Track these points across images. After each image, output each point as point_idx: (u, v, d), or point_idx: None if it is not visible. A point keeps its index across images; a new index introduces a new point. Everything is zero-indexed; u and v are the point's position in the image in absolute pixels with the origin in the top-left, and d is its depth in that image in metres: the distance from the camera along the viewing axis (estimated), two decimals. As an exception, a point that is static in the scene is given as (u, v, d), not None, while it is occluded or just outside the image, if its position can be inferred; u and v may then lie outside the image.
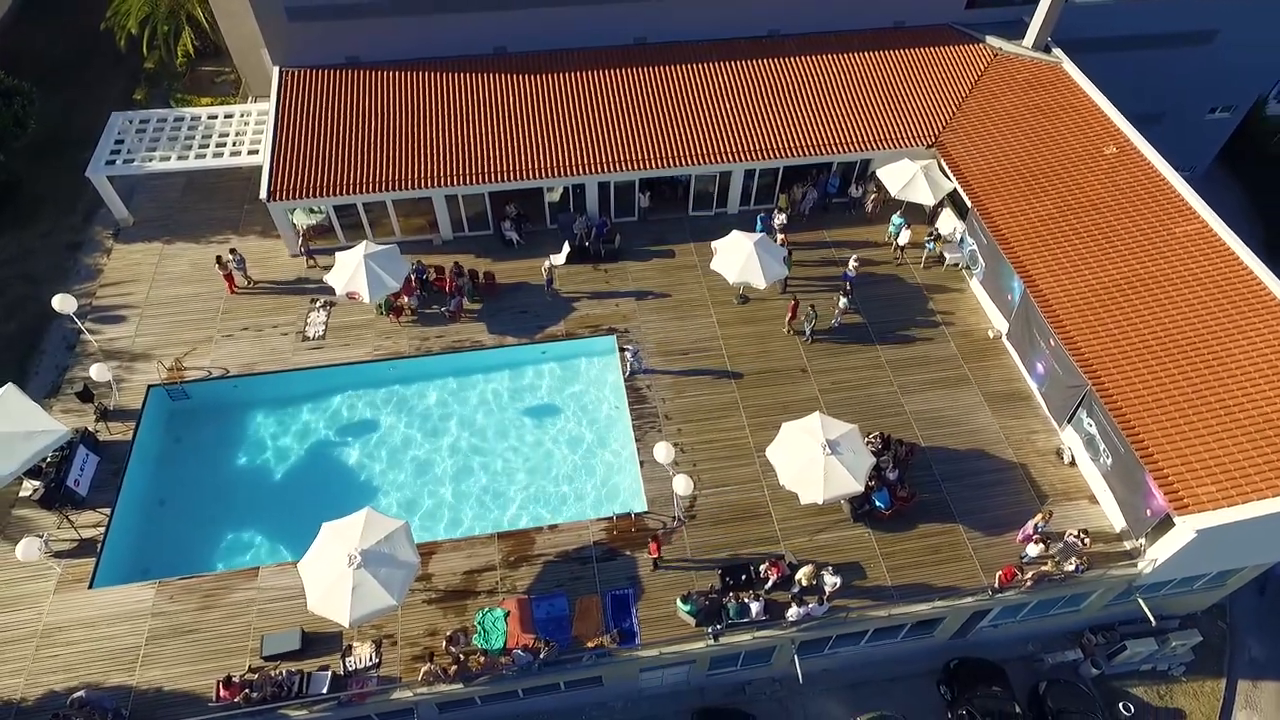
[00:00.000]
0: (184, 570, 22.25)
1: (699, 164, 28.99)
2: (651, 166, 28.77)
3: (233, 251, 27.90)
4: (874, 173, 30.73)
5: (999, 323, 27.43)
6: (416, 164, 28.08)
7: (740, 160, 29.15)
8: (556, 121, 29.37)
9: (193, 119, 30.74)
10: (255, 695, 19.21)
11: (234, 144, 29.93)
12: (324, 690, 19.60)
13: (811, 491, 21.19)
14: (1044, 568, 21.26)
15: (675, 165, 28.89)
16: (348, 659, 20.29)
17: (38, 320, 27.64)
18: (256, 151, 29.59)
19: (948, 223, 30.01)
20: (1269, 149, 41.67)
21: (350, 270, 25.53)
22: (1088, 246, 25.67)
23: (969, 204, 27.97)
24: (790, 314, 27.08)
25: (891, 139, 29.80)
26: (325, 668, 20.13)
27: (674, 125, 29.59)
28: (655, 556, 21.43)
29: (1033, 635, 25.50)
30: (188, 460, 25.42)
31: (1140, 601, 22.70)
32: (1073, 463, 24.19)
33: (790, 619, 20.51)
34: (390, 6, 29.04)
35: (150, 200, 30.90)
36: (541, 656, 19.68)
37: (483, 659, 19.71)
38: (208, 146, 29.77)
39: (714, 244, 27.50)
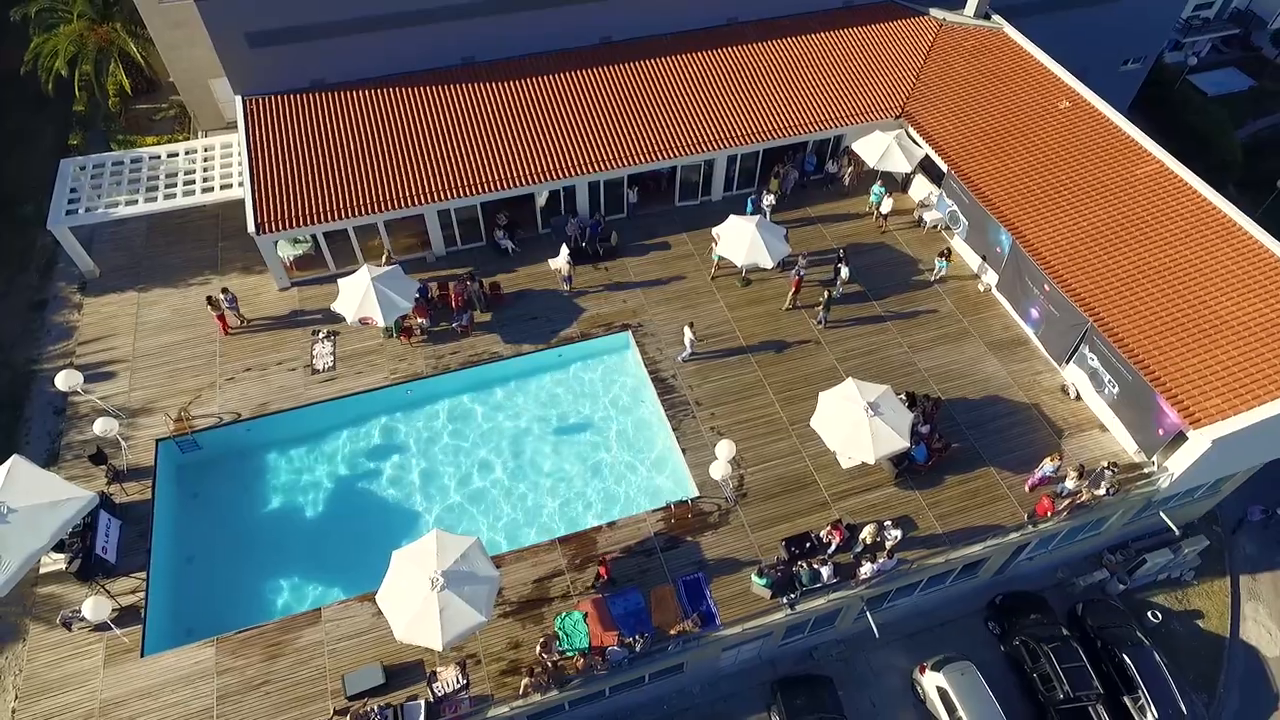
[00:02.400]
0: (231, 625, 21.30)
1: (685, 155, 29.47)
2: (639, 162, 29.08)
3: (224, 291, 26.74)
4: (847, 148, 31.96)
5: (987, 276, 28.98)
6: (407, 181, 27.57)
7: (724, 147, 29.79)
8: (542, 125, 29.34)
9: (152, 158, 29.22)
10: (352, 735, 18.65)
11: (203, 180, 28.64)
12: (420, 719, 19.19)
13: (862, 452, 21.99)
14: (1081, 498, 22.69)
15: (662, 158, 29.28)
16: (434, 685, 19.89)
17: (14, 387, 25.79)
18: (229, 185, 28.46)
19: (921, 188, 31.50)
20: (1173, 94, 45.25)
21: (359, 296, 24.90)
22: (1062, 195, 27.43)
23: (945, 168, 29.45)
24: (794, 290, 27.88)
25: (861, 113, 31.03)
26: (414, 698, 19.69)
27: (655, 119, 30.00)
28: (605, 579, 21.17)
29: (1061, 563, 27.11)
30: (209, 512, 24.29)
31: (1163, 514, 24.56)
32: (1078, 397, 25.85)
33: (863, 576, 21.26)
34: (353, 24, 28.36)
35: (113, 249, 29.20)
36: (638, 650, 19.79)
37: (580, 661, 19.67)
38: (175, 185, 28.40)
39: (715, 231, 28.07)
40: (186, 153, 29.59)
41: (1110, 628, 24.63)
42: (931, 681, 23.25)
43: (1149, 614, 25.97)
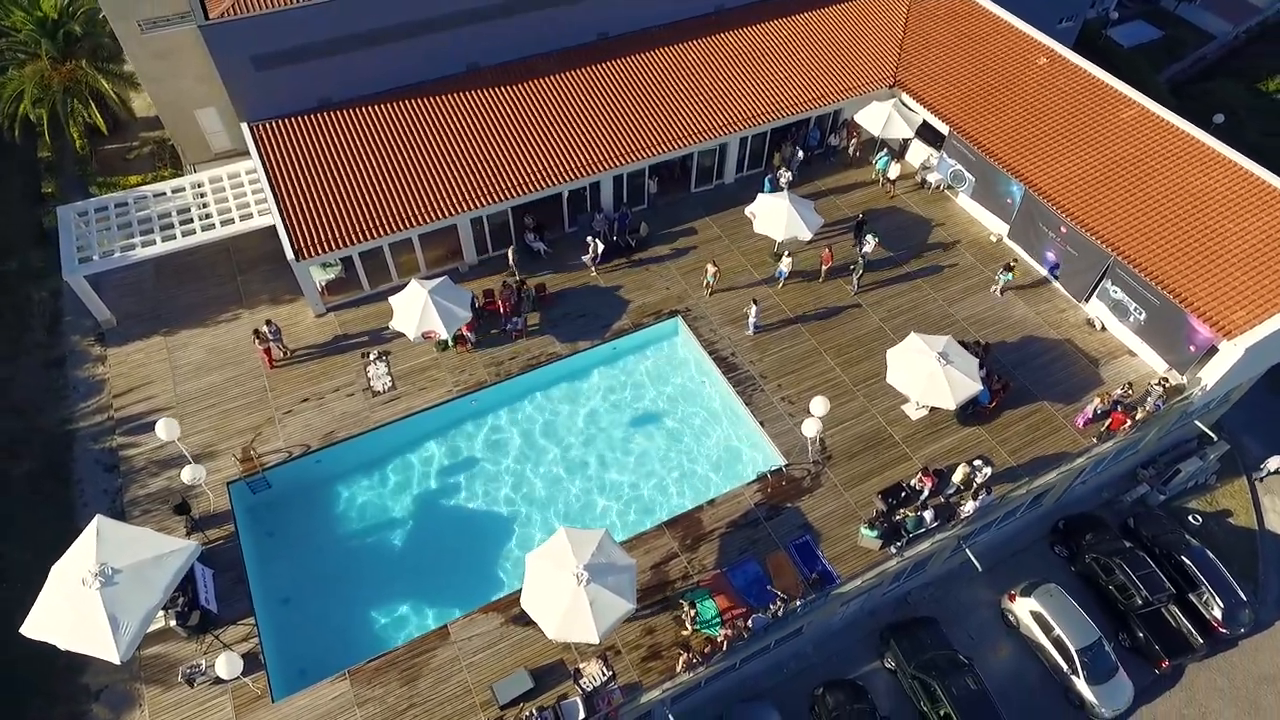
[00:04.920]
0: (343, 660, 20.73)
1: (703, 140, 30.09)
2: (661, 151, 29.54)
3: (268, 323, 25.81)
4: (845, 122, 33.27)
5: (998, 227, 30.73)
6: (440, 192, 27.23)
7: (737, 129, 30.55)
8: (562, 124, 29.41)
9: (156, 196, 27.80)
10: (517, 742, 18.54)
11: (220, 213, 27.45)
12: (580, 717, 19.21)
13: (943, 400, 23.18)
14: (1139, 415, 24.51)
15: (682, 146, 29.82)
16: (581, 681, 19.95)
17: (53, 450, 24.18)
18: (249, 216, 27.38)
19: (918, 152, 33.10)
20: (1099, 47, 48.70)
21: (417, 311, 24.53)
22: (1060, 144, 29.37)
23: (945, 130, 31.07)
24: (826, 261, 28.87)
25: (858, 85, 32.35)
26: (564, 697, 19.70)
27: (670, 109, 30.49)
28: None
29: (1104, 485, 29.07)
30: (289, 550, 23.49)
31: (1198, 424, 26.70)
32: (1103, 328, 27.82)
33: (965, 514, 22.42)
34: (358, 38, 27.75)
35: (122, 295, 27.64)
36: (781, 613, 20.36)
37: (726, 632, 20.08)
38: (190, 221, 27.13)
39: (748, 210, 28.79)
40: (196, 186, 28.30)
41: (1163, 535, 26.65)
42: (1024, 607, 24.66)
43: (1189, 518, 28.19)
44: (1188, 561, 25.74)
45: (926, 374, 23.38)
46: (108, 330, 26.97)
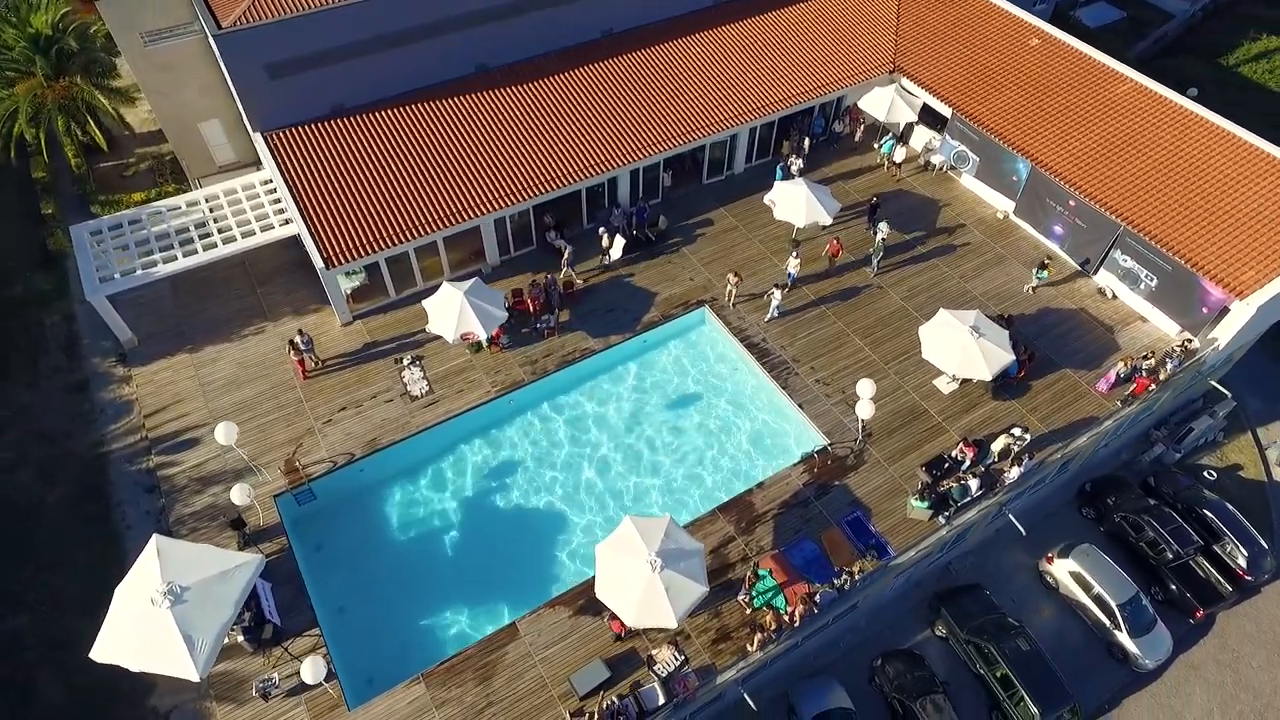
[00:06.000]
0: (409, 667, 20.63)
1: (716, 131, 30.46)
2: (676, 144, 29.82)
3: (300, 333, 25.55)
4: (849, 108, 33.93)
5: (1003, 204, 31.62)
6: (463, 194, 27.19)
7: (748, 120, 30.98)
8: (577, 121, 29.53)
9: (170, 211, 27.34)
10: (603, 731, 18.68)
11: (238, 226, 27.06)
12: (660, 701, 19.42)
13: (978, 371, 23.86)
14: (1161, 376, 25.48)
15: (695, 138, 30.14)
16: (655, 668, 20.16)
17: (88, 475, 23.64)
18: (270, 227, 27.06)
19: (920, 135, 33.88)
20: (1069, 29, 50.16)
21: (455, 313, 24.51)
22: (1060, 121, 30.31)
23: (948, 112, 31.86)
24: (835, 252, 29.30)
25: (860, 72, 33.00)
26: (639, 683, 19.89)
27: (681, 102, 30.79)
28: (619, 633, 20.50)
29: (1122, 448, 30.07)
30: (339, 559, 23.28)
31: (1213, 383, 27.79)
32: (1114, 297, 28.81)
33: (1010, 480, 23.09)
34: (371, 43, 27.57)
35: (140, 314, 27.07)
36: (847, 587, 20.80)
37: (799, 608, 20.45)
38: (210, 236, 26.72)
39: (767, 199, 29.22)
40: (208, 199, 27.86)
41: (1183, 491, 27.68)
42: (1062, 568, 25.46)
43: (1204, 474, 29.31)
44: (1209, 514, 26.77)
45: (961, 347, 24.04)
46: (129, 350, 26.46)
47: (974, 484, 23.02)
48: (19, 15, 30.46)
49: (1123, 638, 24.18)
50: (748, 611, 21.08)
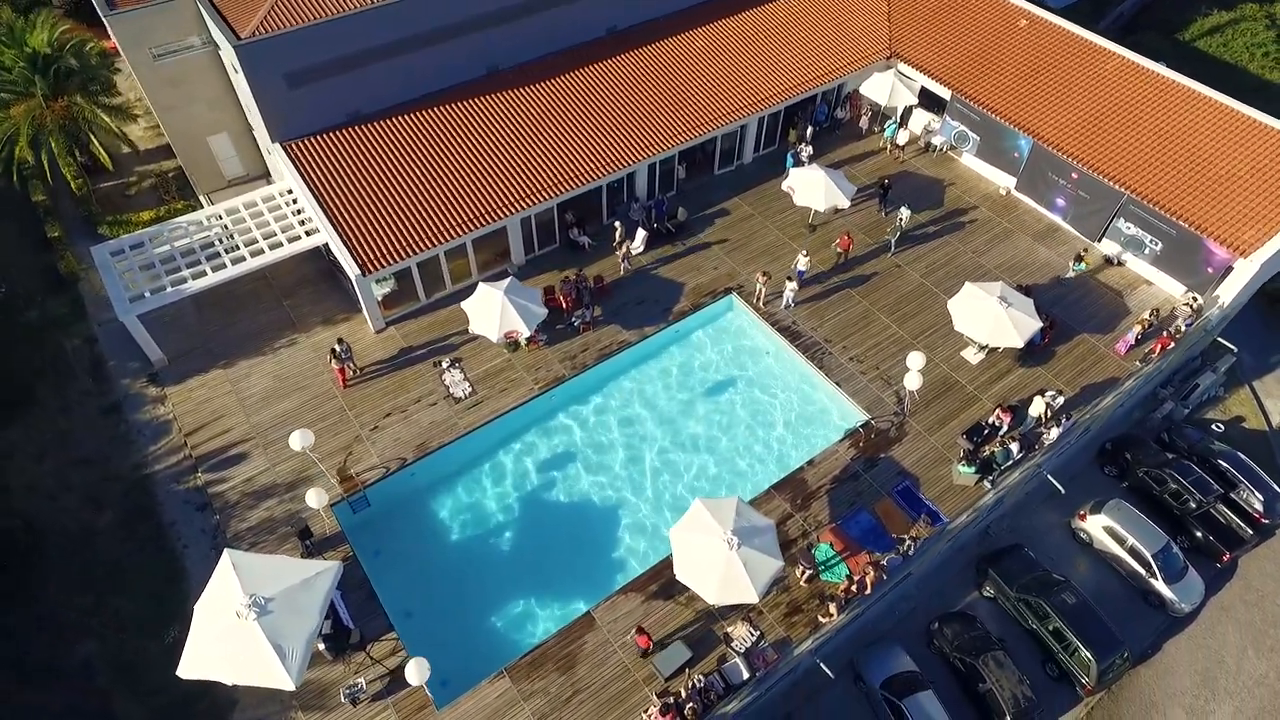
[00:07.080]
0: (483, 667, 20.73)
1: (728, 122, 31.02)
2: (691, 137, 30.34)
3: (339, 341, 25.43)
4: (849, 95, 34.78)
5: (1005, 180, 32.73)
6: (489, 195, 27.33)
7: (758, 110, 31.61)
8: (594, 118, 29.86)
9: (191, 225, 26.95)
10: (692, 707, 19.03)
11: (264, 238, 26.78)
12: (745, 676, 19.87)
13: (1009, 339, 24.81)
14: (1177, 336, 26.73)
15: (708, 130, 30.66)
16: (733, 644, 20.60)
17: (135, 497, 23.21)
18: (296, 239, 26.81)
19: (920, 117, 34.88)
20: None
21: (496, 313, 24.72)
22: (1056, 98, 31.50)
23: (946, 94, 32.88)
24: (845, 246, 29.84)
25: (859, 59, 33.86)
26: (722, 660, 20.31)
27: (693, 95, 31.29)
28: (645, 648, 20.29)
29: (1134, 407, 31.34)
30: (398, 563, 23.23)
31: (1219, 339, 29.18)
32: (1120, 263, 30.07)
33: (1050, 440, 24.03)
34: (389, 48, 27.54)
35: (165, 333, 26.63)
36: (911, 553, 21.48)
37: (870, 574, 21.05)
38: (237, 249, 26.42)
39: (785, 185, 29.89)
40: (230, 212, 27.52)
41: (1196, 444, 28.98)
42: (1095, 524, 26.46)
43: (1212, 427, 30.71)
44: (1224, 464, 28.08)
45: (992, 317, 24.95)
46: (160, 370, 26.06)
47: (1015, 447, 23.90)
48: (14, 34, 29.66)
49: (1159, 585, 25.27)
50: (803, 585, 21.60)
